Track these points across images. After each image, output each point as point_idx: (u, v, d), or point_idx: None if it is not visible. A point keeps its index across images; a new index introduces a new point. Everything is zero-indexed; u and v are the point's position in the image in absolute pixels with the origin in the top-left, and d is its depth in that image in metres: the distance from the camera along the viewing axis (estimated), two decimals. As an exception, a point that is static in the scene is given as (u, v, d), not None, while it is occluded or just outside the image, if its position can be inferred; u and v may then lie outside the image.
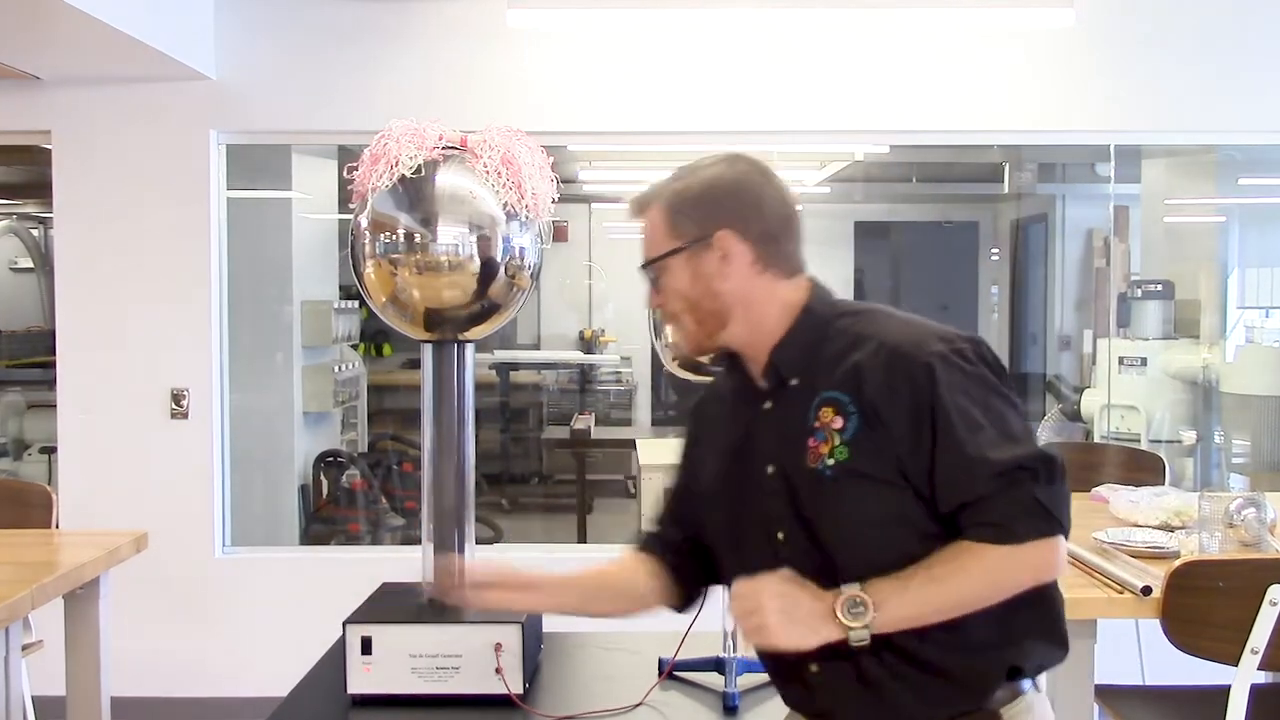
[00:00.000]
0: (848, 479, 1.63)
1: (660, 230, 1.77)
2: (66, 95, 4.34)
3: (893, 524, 1.63)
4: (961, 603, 1.61)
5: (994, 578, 1.60)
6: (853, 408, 1.64)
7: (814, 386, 1.69)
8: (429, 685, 1.98)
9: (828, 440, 1.65)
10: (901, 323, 1.71)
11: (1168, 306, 5.62)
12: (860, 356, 1.66)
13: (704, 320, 1.77)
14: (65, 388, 4.41)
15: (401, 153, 2.01)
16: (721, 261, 1.73)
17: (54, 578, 2.64)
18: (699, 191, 1.76)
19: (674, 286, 1.77)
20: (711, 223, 1.73)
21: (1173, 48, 4.37)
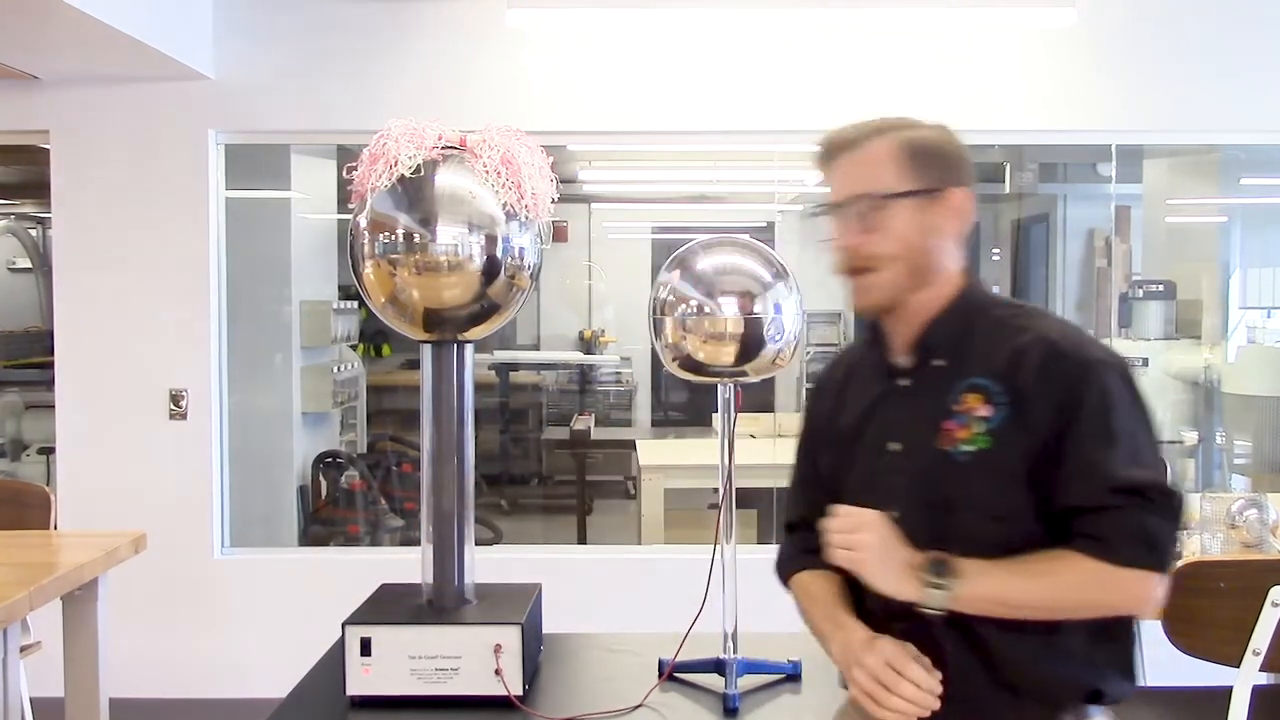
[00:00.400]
0: (983, 468, 1.63)
1: (889, 167, 1.70)
2: (65, 95, 4.34)
3: (1012, 519, 1.63)
4: (1043, 604, 1.61)
5: (1082, 590, 1.59)
6: (1002, 398, 1.63)
7: (961, 371, 1.68)
8: (428, 686, 1.98)
9: (968, 426, 1.65)
10: (1060, 322, 1.70)
11: (1169, 307, 5.62)
12: (1017, 346, 1.65)
13: (915, 273, 1.72)
14: (63, 388, 4.41)
15: (401, 152, 2.01)
16: (951, 217, 1.71)
17: (52, 579, 2.64)
18: (935, 144, 1.73)
19: (896, 229, 1.70)
20: (948, 178, 1.71)
21: (1175, 46, 4.37)
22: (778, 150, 4.91)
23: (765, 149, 4.94)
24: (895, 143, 1.72)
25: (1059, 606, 1.61)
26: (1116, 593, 1.59)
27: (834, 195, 1.76)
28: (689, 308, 2.05)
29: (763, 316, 2.04)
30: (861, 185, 1.72)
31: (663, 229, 9.19)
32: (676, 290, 2.07)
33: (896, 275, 1.72)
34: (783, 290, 2.08)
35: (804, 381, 9.11)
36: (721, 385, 2.12)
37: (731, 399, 2.13)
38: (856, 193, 1.72)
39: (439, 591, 2.12)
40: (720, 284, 2.06)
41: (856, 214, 1.72)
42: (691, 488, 5.72)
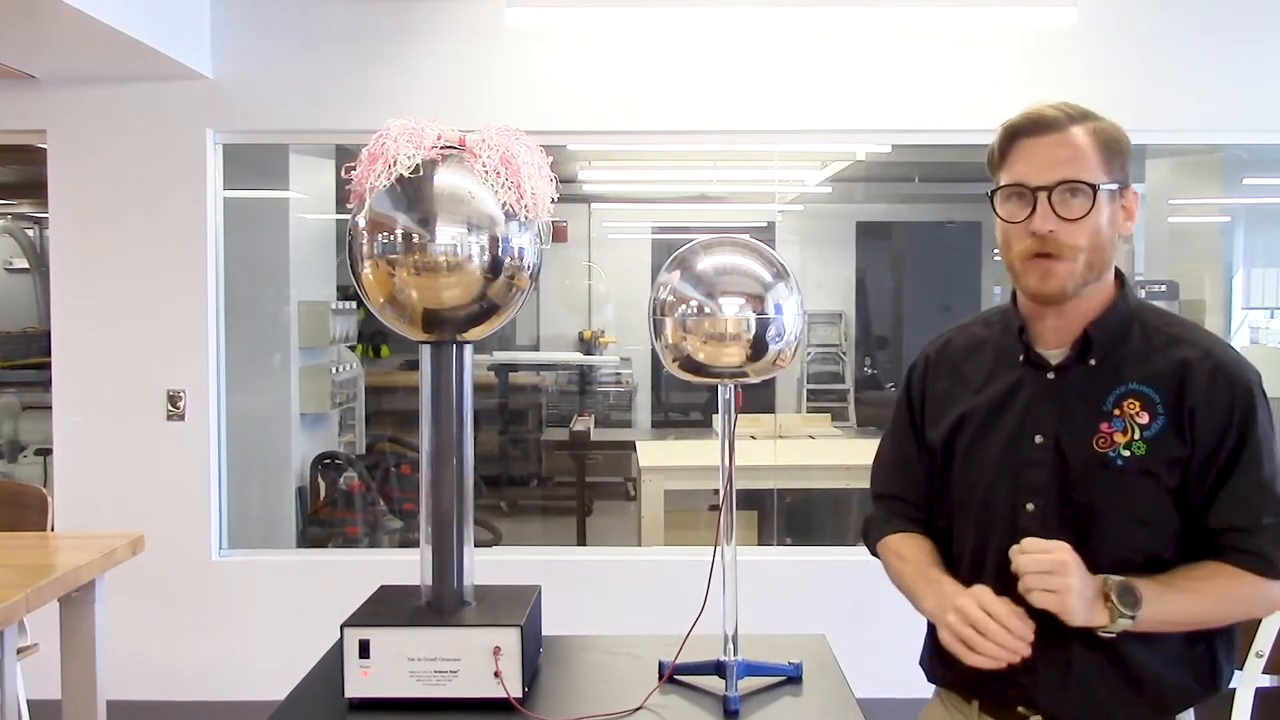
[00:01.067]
0: (1139, 475, 1.66)
1: (1092, 157, 1.69)
2: (62, 94, 4.34)
3: (1159, 525, 1.67)
4: (1210, 617, 1.67)
5: (1243, 604, 1.67)
6: (1162, 408, 1.66)
7: (1118, 373, 1.70)
8: (427, 689, 1.97)
9: (1127, 432, 1.66)
10: (1221, 340, 1.73)
11: (1172, 307, 5.62)
12: (1183, 359, 1.67)
13: (1094, 265, 1.71)
14: (61, 389, 4.41)
15: (399, 152, 2.01)
16: (1124, 216, 1.72)
17: (49, 580, 2.64)
18: (1123, 139, 1.72)
19: (1093, 220, 1.68)
20: (1128, 174, 1.72)
21: (1177, 45, 4.37)
22: (778, 150, 4.91)
23: (766, 149, 4.94)
24: (1092, 131, 1.70)
25: (1222, 618, 1.69)
26: (1273, 604, 1.70)
27: (1031, 176, 1.69)
28: (689, 308, 2.05)
29: (764, 317, 2.04)
30: (1069, 170, 1.68)
31: (663, 229, 9.19)
32: (677, 290, 2.07)
33: (1080, 267, 1.70)
34: (783, 291, 2.08)
35: (805, 383, 9.13)
36: (722, 386, 2.12)
37: (732, 400, 2.12)
38: (1066, 177, 1.68)
39: (438, 593, 2.12)
40: (721, 284, 2.06)
41: (1061, 200, 1.68)
42: (692, 489, 5.72)
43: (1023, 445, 1.74)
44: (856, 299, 9.56)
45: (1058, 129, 1.70)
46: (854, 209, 9.10)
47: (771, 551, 4.87)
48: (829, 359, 9.46)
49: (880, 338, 9.87)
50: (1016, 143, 1.73)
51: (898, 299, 9.88)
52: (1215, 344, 1.70)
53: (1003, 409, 1.78)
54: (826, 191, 8.23)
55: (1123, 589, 1.61)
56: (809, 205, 8.70)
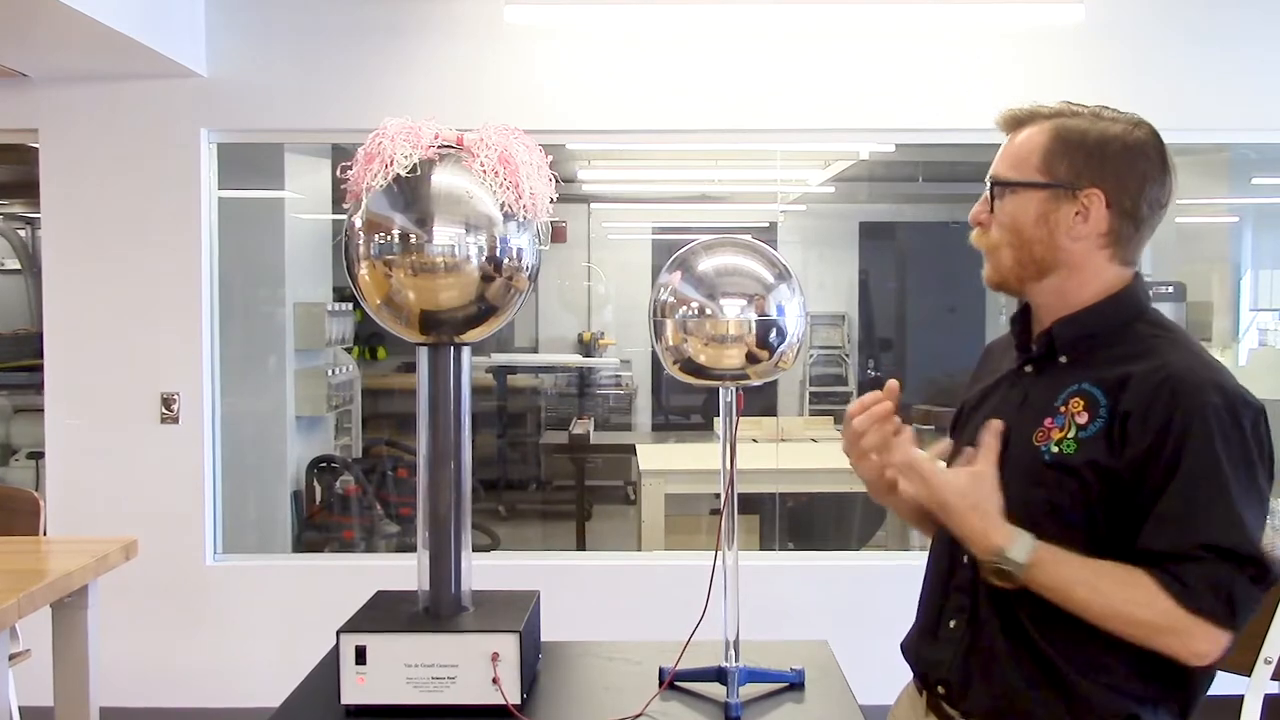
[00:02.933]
0: (1060, 471, 1.64)
1: (1032, 156, 1.72)
2: (54, 93, 4.35)
3: (1074, 530, 1.63)
4: (1108, 610, 1.60)
5: (1149, 620, 1.58)
6: (1104, 412, 1.63)
7: (1081, 373, 1.68)
8: (425, 695, 1.98)
9: (1064, 429, 1.65)
10: (1195, 356, 1.66)
11: (1179, 309, 5.62)
12: (1139, 368, 1.63)
13: (1025, 263, 1.74)
14: (53, 392, 4.41)
15: (396, 151, 2.01)
16: (1076, 218, 1.70)
17: (41, 586, 2.64)
18: (1095, 140, 1.71)
19: (1014, 216, 1.73)
20: (1087, 177, 1.70)
21: (1184, 43, 4.38)
22: (780, 149, 4.91)
23: (767, 148, 4.95)
24: (1049, 132, 1.73)
25: (1119, 622, 1.60)
26: (1180, 639, 1.58)
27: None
28: (690, 310, 2.05)
29: (765, 318, 2.04)
30: (1000, 168, 1.76)
31: (663, 229, 9.19)
32: (677, 292, 2.07)
33: (1006, 261, 1.75)
34: (785, 292, 2.08)
35: (807, 385, 9.13)
36: (723, 389, 2.12)
37: (733, 402, 2.13)
38: (991, 175, 1.77)
39: (435, 599, 2.12)
40: (722, 285, 2.06)
41: (989, 193, 1.77)
42: (692, 493, 5.72)
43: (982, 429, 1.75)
44: (859, 300, 9.56)
45: (1017, 128, 1.77)
46: (857, 209, 9.10)
47: (773, 556, 4.87)
48: (832, 361, 9.46)
49: (884, 340, 9.87)
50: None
51: (901, 300, 9.88)
52: (1183, 360, 1.64)
53: (990, 396, 1.82)
54: (829, 191, 8.23)
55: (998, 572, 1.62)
56: (811, 205, 8.70)
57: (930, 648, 1.80)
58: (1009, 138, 1.78)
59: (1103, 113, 1.74)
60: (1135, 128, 1.74)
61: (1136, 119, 1.75)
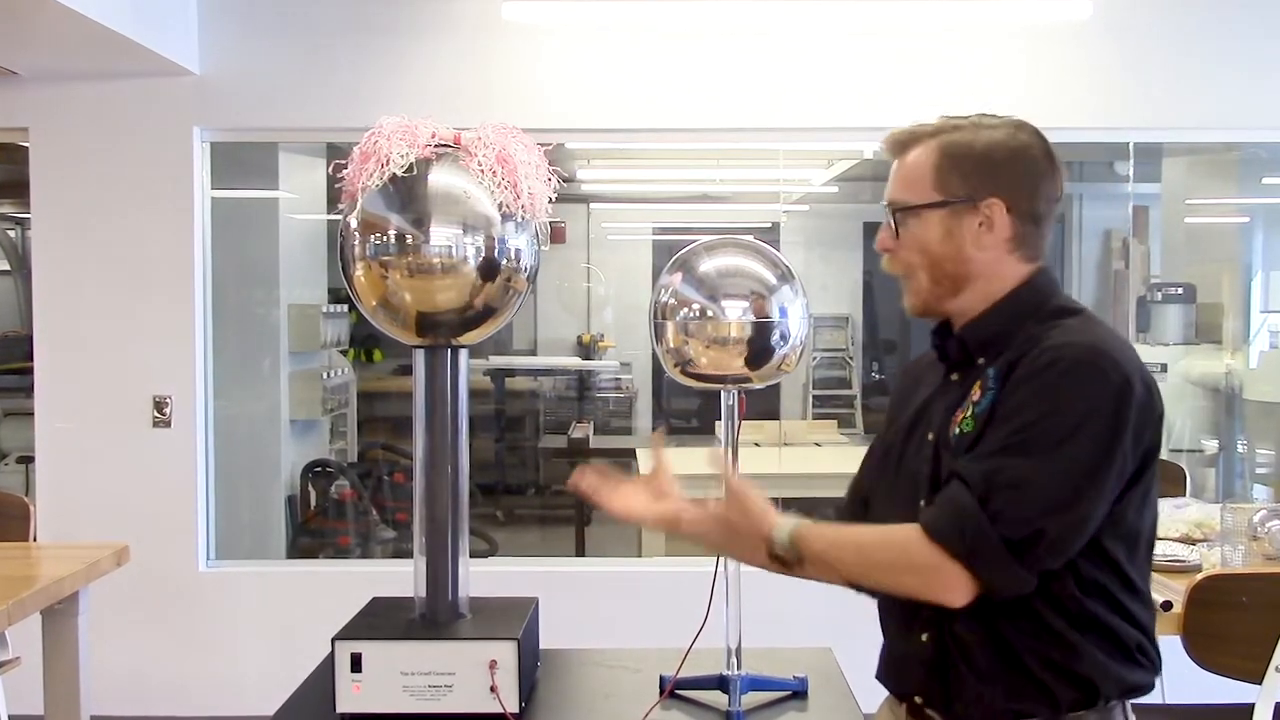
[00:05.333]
0: (965, 448, 1.65)
1: (925, 176, 1.74)
2: (45, 91, 4.35)
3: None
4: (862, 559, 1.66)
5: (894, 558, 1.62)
6: (993, 383, 1.65)
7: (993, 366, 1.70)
8: (421, 704, 1.98)
9: (965, 410, 1.68)
10: (1092, 326, 1.69)
11: (1189, 310, 5.63)
12: (1036, 339, 1.65)
13: (940, 281, 1.76)
14: (43, 395, 4.41)
15: (393, 151, 2.01)
16: (981, 229, 1.72)
17: (31, 592, 2.64)
18: (981, 150, 1.73)
19: (920, 238, 1.75)
20: (984, 187, 1.72)
21: (1194, 41, 4.38)
22: (783, 149, 4.91)
23: (770, 147, 4.95)
24: (936, 149, 1.75)
25: (874, 565, 1.66)
26: (918, 572, 1.60)
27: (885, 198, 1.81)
28: (691, 311, 2.06)
29: (768, 320, 2.04)
30: (895, 193, 1.78)
31: (664, 230, 9.20)
32: (678, 293, 2.07)
33: (923, 283, 1.77)
34: (788, 293, 2.08)
35: (810, 388, 9.13)
36: (725, 392, 2.12)
37: (735, 406, 2.13)
38: (888, 200, 1.79)
39: (432, 605, 2.13)
40: (724, 287, 2.06)
41: (889, 221, 1.79)
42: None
43: (923, 445, 1.77)
44: (863, 302, 9.56)
45: (902, 152, 1.79)
46: (861, 209, 9.09)
47: (776, 562, 4.86)
48: (835, 364, 9.46)
49: (888, 342, 9.87)
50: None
51: (905, 302, 9.87)
52: (1082, 334, 1.65)
53: (921, 413, 1.82)
54: (833, 191, 8.23)
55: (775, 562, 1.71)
56: (815, 205, 8.71)
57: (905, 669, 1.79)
58: (897, 162, 1.80)
59: (983, 121, 1.76)
60: (1018, 130, 1.76)
61: (1017, 121, 1.77)
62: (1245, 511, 2.76)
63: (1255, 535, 2.72)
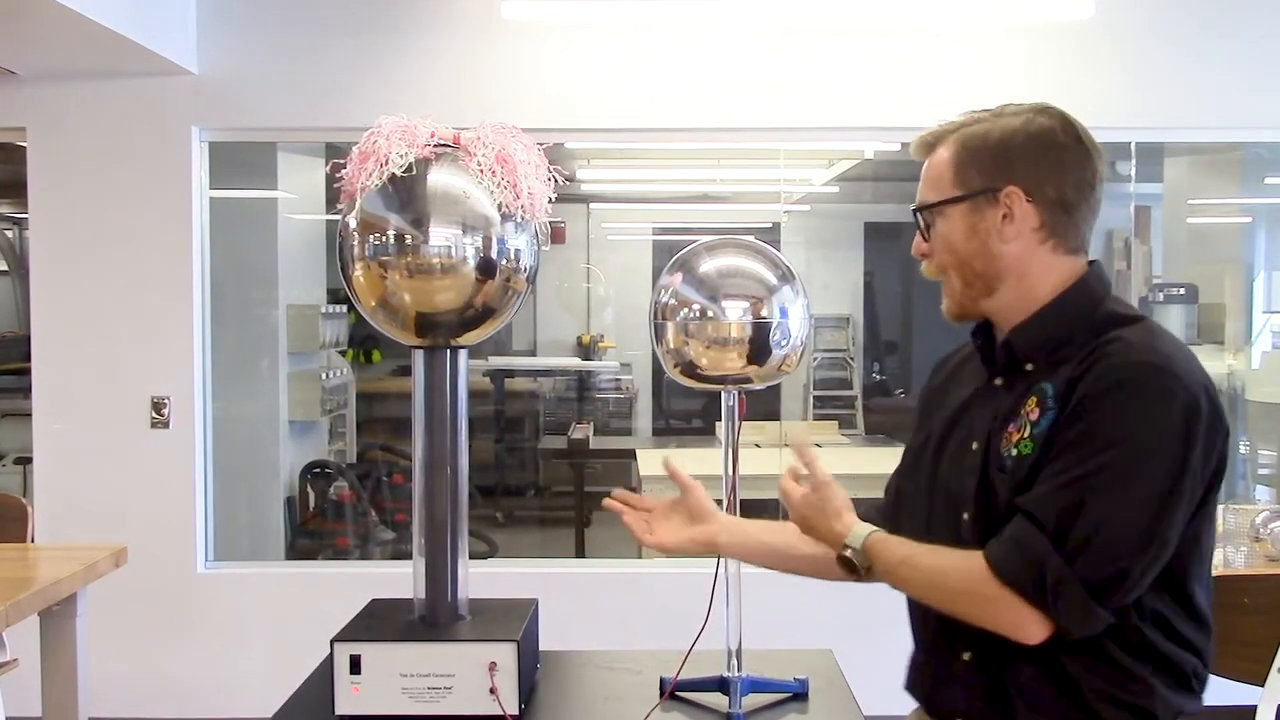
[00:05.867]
0: (1020, 473, 1.61)
1: (945, 173, 1.72)
2: (42, 90, 4.35)
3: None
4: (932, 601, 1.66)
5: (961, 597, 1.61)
6: (1052, 403, 1.60)
7: (1044, 377, 1.65)
8: (420, 706, 1.98)
9: (1021, 429, 1.63)
10: (1152, 337, 1.61)
11: (1191, 311, 5.63)
12: (1097, 350, 1.59)
13: (971, 281, 1.73)
14: (41, 395, 4.41)
15: (391, 150, 2.01)
16: (1004, 221, 1.68)
17: (29, 594, 2.64)
18: (997, 139, 1.70)
19: (948, 238, 1.73)
20: (1002, 176, 1.68)
21: (1196, 40, 4.38)
22: (784, 148, 4.91)
23: (771, 147, 4.95)
24: (953, 144, 1.73)
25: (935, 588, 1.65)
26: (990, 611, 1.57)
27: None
28: (692, 312, 2.05)
29: (768, 321, 2.04)
30: (921, 194, 1.77)
31: (664, 230, 9.20)
32: (679, 294, 2.07)
33: (957, 285, 1.75)
34: (789, 293, 2.08)
35: (811, 388, 9.13)
36: (725, 392, 2.12)
37: (736, 407, 2.13)
38: (917, 205, 1.77)
39: (431, 607, 2.12)
40: (724, 287, 2.06)
41: (919, 223, 1.77)
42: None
43: (964, 453, 1.73)
44: (864, 302, 9.57)
45: (928, 152, 1.77)
46: (862, 209, 9.10)
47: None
48: (836, 364, 9.46)
49: (889, 343, 9.88)
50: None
51: (907, 302, 9.88)
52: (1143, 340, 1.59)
53: (962, 415, 1.78)
54: (834, 191, 8.24)
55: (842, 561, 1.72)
56: (815, 205, 8.71)
57: (944, 687, 1.75)
58: (925, 164, 1.78)
59: (1004, 110, 1.73)
60: (1038, 115, 1.71)
61: (1041, 106, 1.72)
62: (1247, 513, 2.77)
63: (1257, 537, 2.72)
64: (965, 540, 1.67)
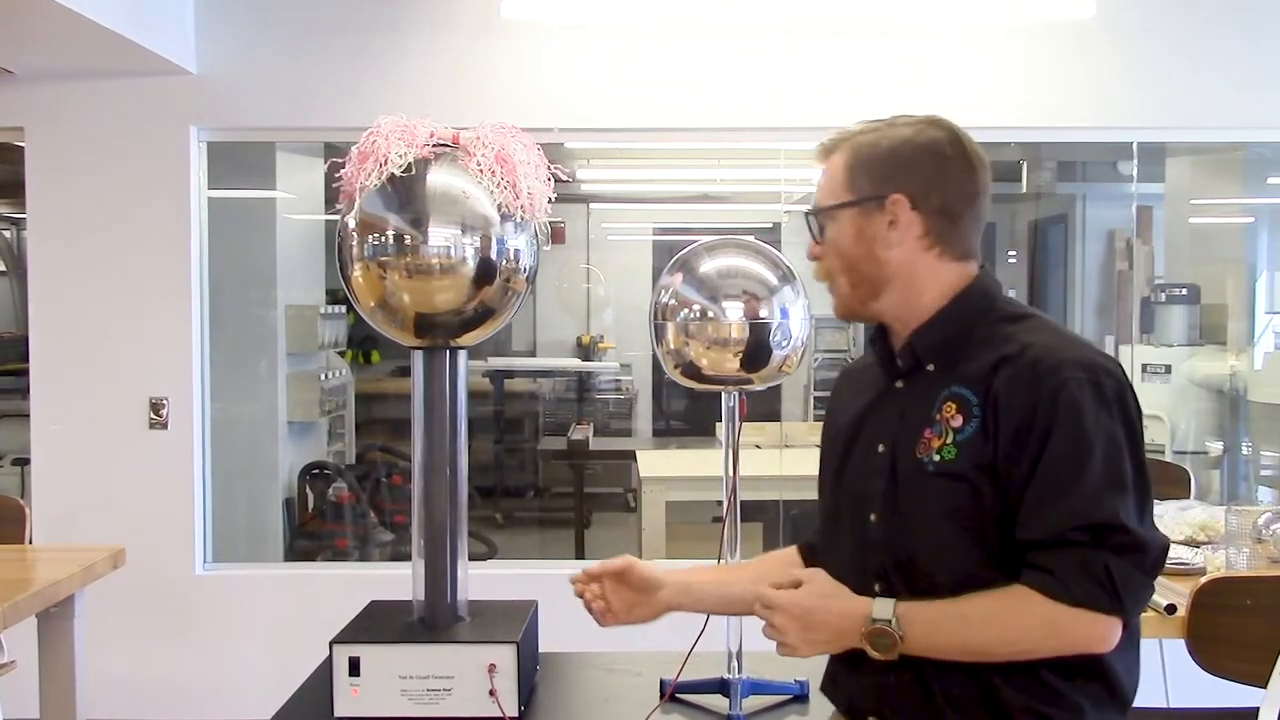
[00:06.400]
0: (945, 479, 1.65)
1: (838, 179, 1.79)
2: (40, 90, 4.35)
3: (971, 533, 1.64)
4: (988, 647, 1.62)
5: (1033, 633, 1.60)
6: (977, 410, 1.64)
7: (949, 377, 1.70)
8: (419, 708, 1.98)
9: (942, 436, 1.66)
10: (1055, 336, 1.69)
11: (1193, 311, 5.62)
12: (1002, 355, 1.65)
13: (858, 284, 1.79)
14: (39, 397, 4.41)
15: (391, 150, 2.01)
16: (889, 227, 1.74)
17: (27, 595, 2.65)
18: (886, 149, 1.77)
19: (836, 242, 1.79)
20: (889, 184, 1.74)
21: (1199, 39, 4.37)
22: (784, 148, 4.91)
23: (771, 147, 4.94)
24: (846, 152, 1.80)
25: (1009, 649, 1.62)
26: (1068, 634, 1.59)
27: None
28: (692, 312, 2.06)
29: (769, 321, 2.05)
30: (817, 197, 1.83)
31: (664, 230, 9.19)
32: (679, 294, 2.08)
33: (845, 289, 1.81)
34: (789, 294, 2.09)
35: (812, 389, 9.12)
36: (726, 393, 2.12)
37: (736, 407, 2.13)
38: (808, 207, 1.84)
39: (431, 609, 2.13)
40: (724, 287, 2.07)
41: (813, 226, 1.84)
42: (694, 500, 5.72)
43: (870, 455, 1.77)
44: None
45: (823, 159, 1.84)
46: (863, 209, 9.09)
47: (777, 565, 4.86)
48: (837, 365, 9.45)
49: (890, 343, 9.86)
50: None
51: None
52: (1044, 339, 1.66)
53: (865, 420, 1.82)
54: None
55: (876, 635, 1.64)
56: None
57: (854, 679, 1.78)
58: (823, 170, 1.84)
59: (896, 120, 1.79)
60: (929, 126, 1.77)
61: (931, 118, 1.79)
62: (1250, 514, 2.76)
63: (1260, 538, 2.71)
64: (871, 541, 1.73)
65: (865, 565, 1.74)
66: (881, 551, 1.72)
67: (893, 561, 1.70)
